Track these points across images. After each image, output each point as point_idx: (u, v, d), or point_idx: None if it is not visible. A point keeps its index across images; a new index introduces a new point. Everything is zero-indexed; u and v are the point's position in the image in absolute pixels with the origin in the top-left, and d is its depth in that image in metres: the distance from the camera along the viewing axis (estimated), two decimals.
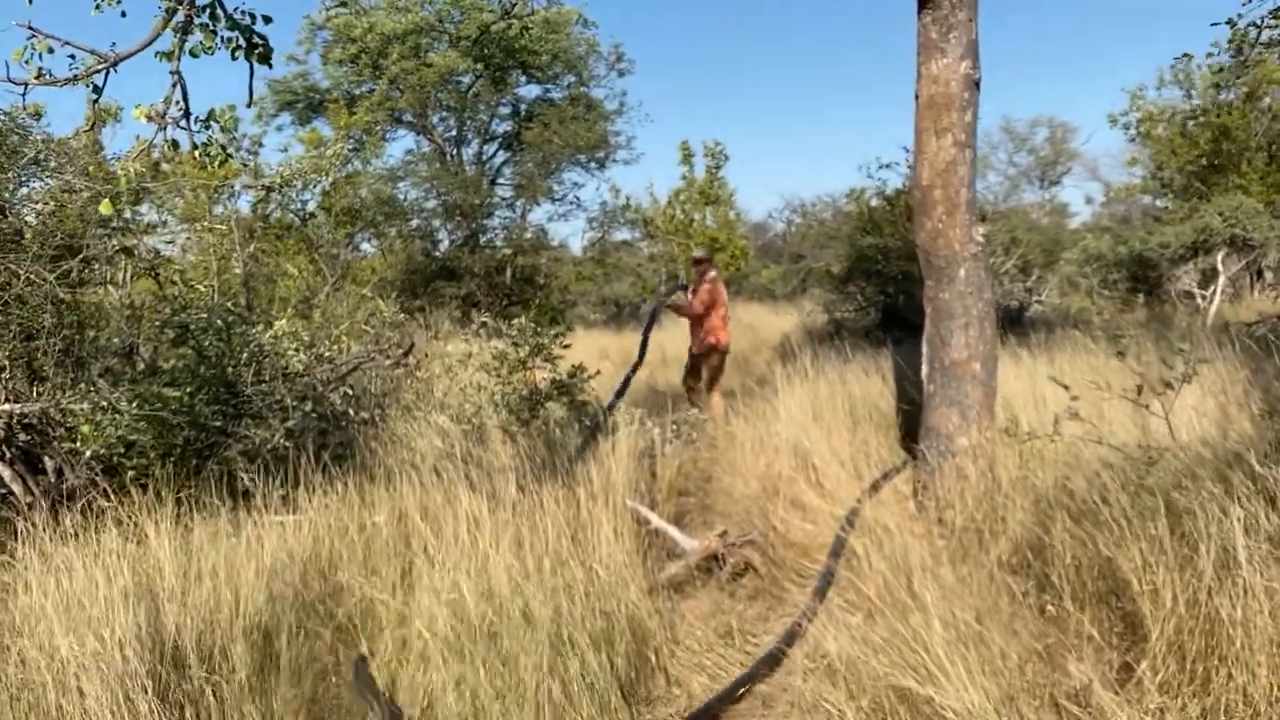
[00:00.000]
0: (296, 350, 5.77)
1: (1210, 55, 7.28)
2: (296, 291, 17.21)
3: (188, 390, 5.29)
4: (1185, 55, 7.13)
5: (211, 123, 3.43)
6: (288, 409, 5.42)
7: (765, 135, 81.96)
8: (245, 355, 5.63)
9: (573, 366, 7.10)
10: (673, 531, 5.48)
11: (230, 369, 5.52)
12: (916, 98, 5.90)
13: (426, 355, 8.85)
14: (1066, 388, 4.62)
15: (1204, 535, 3.61)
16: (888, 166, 15.44)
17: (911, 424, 7.16)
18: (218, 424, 5.23)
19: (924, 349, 6.04)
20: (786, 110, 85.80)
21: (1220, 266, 16.70)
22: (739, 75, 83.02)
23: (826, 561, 4.95)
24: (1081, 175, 55.26)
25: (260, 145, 18.33)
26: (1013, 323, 14.13)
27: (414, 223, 21.97)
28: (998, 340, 6.04)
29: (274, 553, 4.55)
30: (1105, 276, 18.58)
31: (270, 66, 3.53)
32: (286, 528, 5.02)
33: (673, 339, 14.74)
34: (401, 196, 22.18)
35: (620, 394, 7.71)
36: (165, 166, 13.96)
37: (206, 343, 5.53)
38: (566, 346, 6.99)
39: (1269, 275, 17.52)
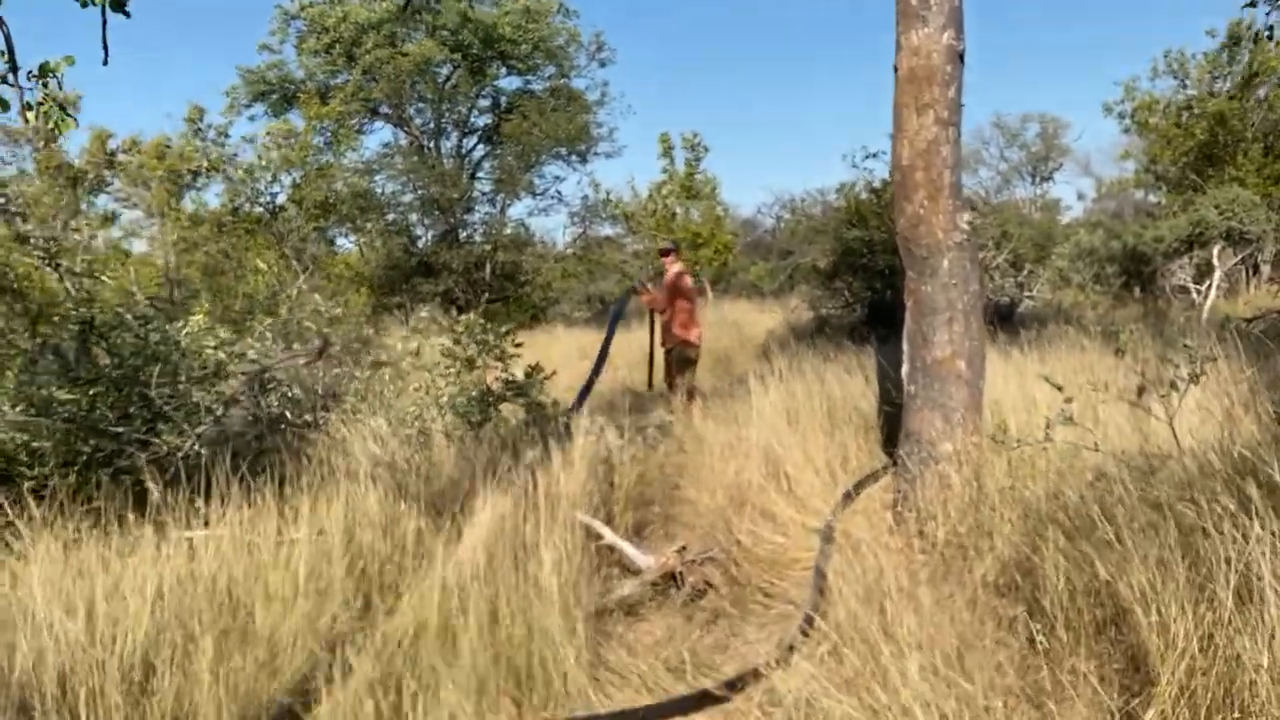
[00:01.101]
0: (215, 348, 5.25)
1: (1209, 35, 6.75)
2: (265, 288, 16.69)
3: (90, 393, 4.77)
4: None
5: (48, 78, 2.92)
6: (201, 412, 4.90)
7: (756, 130, 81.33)
8: (162, 353, 5.11)
9: (528, 366, 6.58)
10: (626, 547, 4.98)
11: (142, 369, 4.99)
12: (895, 70, 5.40)
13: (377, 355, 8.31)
14: (1059, 388, 4.12)
15: (1220, 560, 3.12)
16: (874, 156, 14.88)
17: (894, 427, 6.67)
18: (119, 429, 4.71)
19: (904, 347, 5.55)
20: (779, 104, 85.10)
21: (1216, 260, 16.27)
22: (730, 70, 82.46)
23: (809, 597, 4.41)
24: (1073, 171, 54.91)
25: (226, 135, 17.76)
26: (1003, 319, 13.66)
27: (390, 217, 21.37)
28: (985, 337, 5.55)
29: (170, 575, 4.03)
30: (1097, 271, 18.13)
31: (127, 15, 3.02)
32: (195, 545, 4.51)
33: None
34: (378, 190, 21.62)
35: (580, 401, 7.19)
36: (122, 157, 13.42)
37: (117, 340, 5.01)
38: (518, 345, 6.45)
39: (1265, 269, 17.07)
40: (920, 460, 5.31)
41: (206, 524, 4.73)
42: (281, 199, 18.34)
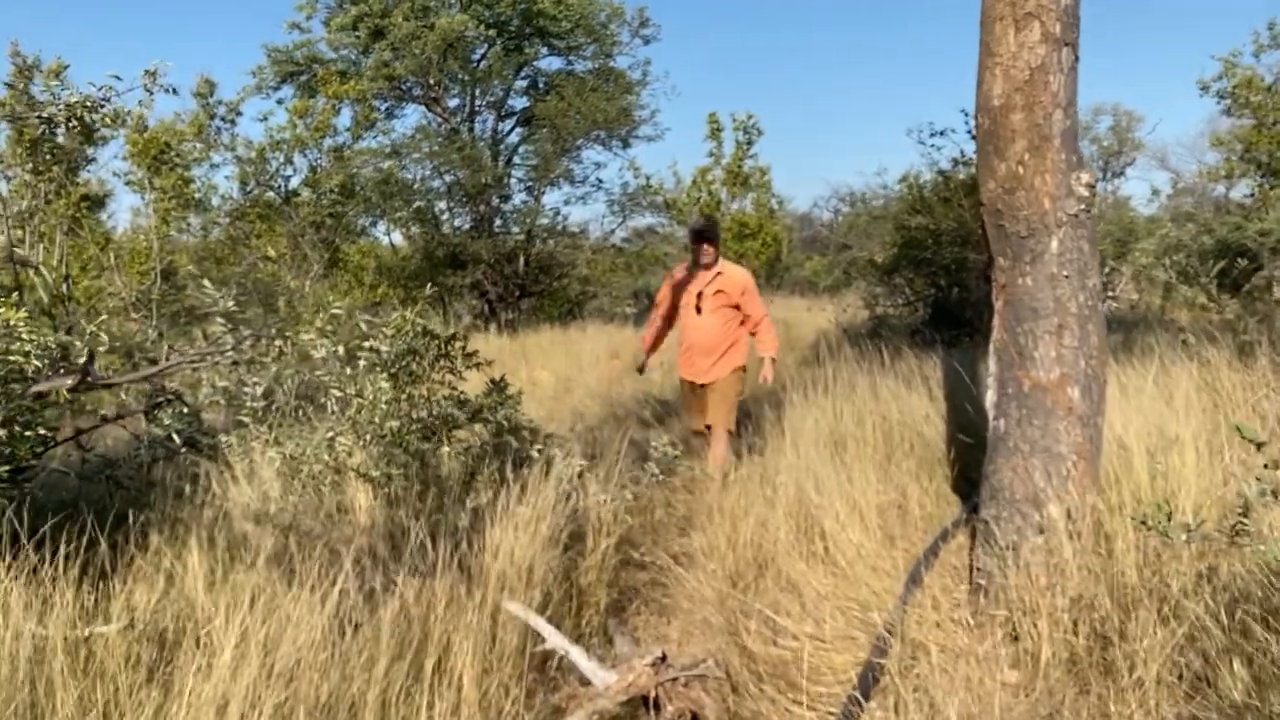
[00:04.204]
0: (28, 355, 3.84)
1: None
2: (270, 278, 15.41)
3: None
4: None
5: None
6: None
7: (811, 118, 78.87)
8: None
9: (491, 382, 5.06)
10: (576, 655, 3.42)
11: None
12: None
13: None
14: (1260, 446, 2.51)
15: None
16: (941, 134, 13.13)
17: (968, 461, 5.08)
18: None
19: (990, 365, 3.93)
20: (834, 88, 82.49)
21: None
22: (781, 52, 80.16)
23: None
24: (1147, 166, 52.07)
25: (238, 114, 16.51)
26: None
27: (417, 204, 19.95)
28: (1107, 353, 3.93)
29: None
30: (1188, 269, 16.18)
31: None
32: None
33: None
34: (410, 176, 20.21)
35: None
36: (104, 131, 12.14)
37: None
38: (470, 355, 4.91)
39: None
40: (1014, 528, 3.69)
41: None
42: (295, 182, 17.07)
